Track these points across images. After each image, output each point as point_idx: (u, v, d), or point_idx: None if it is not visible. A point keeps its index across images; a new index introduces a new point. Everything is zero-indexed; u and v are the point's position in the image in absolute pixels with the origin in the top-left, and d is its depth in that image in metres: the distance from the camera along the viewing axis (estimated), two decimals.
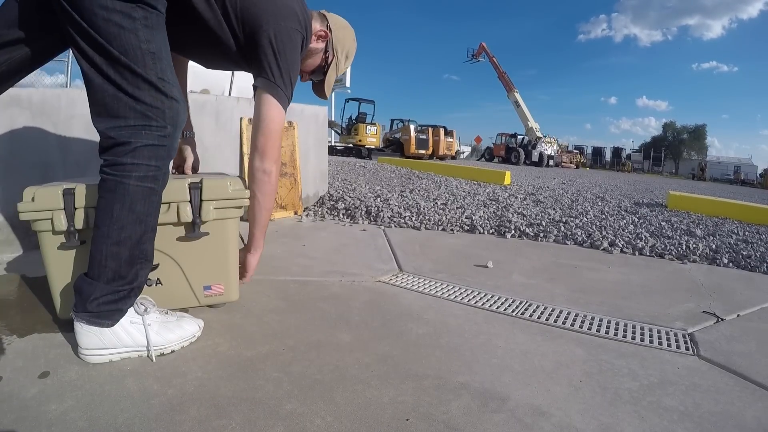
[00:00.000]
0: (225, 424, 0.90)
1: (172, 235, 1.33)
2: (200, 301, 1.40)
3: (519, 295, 1.80)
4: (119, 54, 1.02)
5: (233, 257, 1.42)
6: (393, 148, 17.87)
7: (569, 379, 1.17)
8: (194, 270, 1.37)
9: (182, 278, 1.37)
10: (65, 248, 1.23)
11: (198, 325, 1.26)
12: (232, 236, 1.39)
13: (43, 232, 1.22)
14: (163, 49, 1.10)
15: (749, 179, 30.39)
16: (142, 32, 1.05)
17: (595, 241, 2.88)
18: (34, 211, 1.19)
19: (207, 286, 1.39)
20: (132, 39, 1.03)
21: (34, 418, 0.88)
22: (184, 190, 1.29)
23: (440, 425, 0.94)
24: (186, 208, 1.29)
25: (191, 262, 1.36)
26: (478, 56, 29.76)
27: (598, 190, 7.57)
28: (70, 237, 1.21)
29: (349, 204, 3.49)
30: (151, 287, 1.33)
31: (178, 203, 1.29)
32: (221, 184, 1.33)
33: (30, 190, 1.20)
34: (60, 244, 1.23)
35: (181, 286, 1.37)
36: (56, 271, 1.25)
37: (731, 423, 1.02)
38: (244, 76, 7.36)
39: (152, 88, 1.06)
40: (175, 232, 1.33)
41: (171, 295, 1.36)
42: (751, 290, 2.08)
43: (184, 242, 1.34)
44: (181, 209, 1.29)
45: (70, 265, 1.25)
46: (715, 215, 4.46)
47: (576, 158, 28.02)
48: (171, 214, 1.29)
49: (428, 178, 6.39)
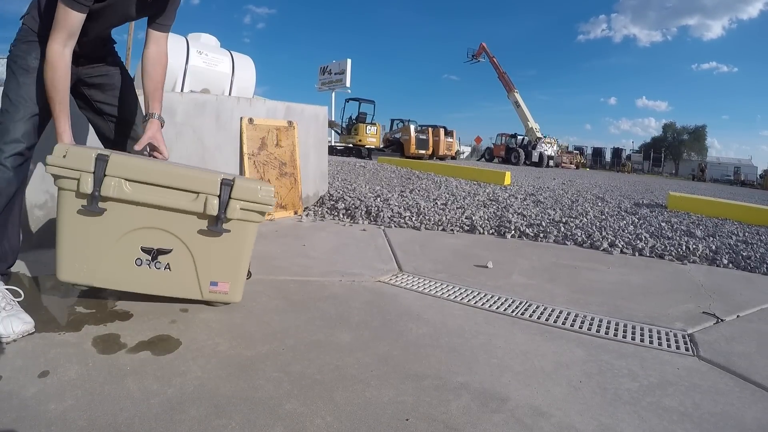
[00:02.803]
0: (225, 424, 0.90)
1: (193, 225, 1.35)
2: (203, 295, 1.40)
3: (519, 295, 1.80)
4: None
5: (245, 260, 1.43)
6: (393, 148, 17.86)
7: (569, 379, 1.17)
8: (205, 263, 1.38)
9: (192, 269, 1.37)
10: (84, 213, 1.25)
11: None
12: (249, 239, 1.41)
13: (66, 190, 1.23)
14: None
15: (749, 180, 30.38)
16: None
17: (595, 241, 2.88)
18: (62, 167, 1.22)
19: (214, 282, 1.40)
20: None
21: (34, 417, 0.88)
22: (215, 184, 1.32)
23: (440, 425, 0.94)
24: (214, 201, 1.32)
25: (205, 255, 1.37)
26: (478, 56, 29.74)
27: (598, 190, 7.57)
28: (92, 202, 1.24)
29: (349, 204, 3.49)
30: (159, 270, 1.34)
31: (207, 195, 1.31)
32: (252, 186, 1.36)
33: (63, 147, 1.23)
34: (80, 208, 1.24)
35: (189, 276, 1.38)
36: (68, 233, 1.26)
37: (731, 423, 1.02)
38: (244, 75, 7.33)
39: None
40: (197, 223, 1.34)
41: (176, 283, 1.37)
42: (751, 291, 2.08)
43: (203, 235, 1.36)
44: (209, 201, 1.31)
45: (84, 231, 1.26)
46: (715, 216, 4.45)
47: (576, 159, 28.01)
48: (198, 203, 1.31)
49: (428, 178, 6.39)
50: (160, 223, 1.33)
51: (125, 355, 1.14)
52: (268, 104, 3.14)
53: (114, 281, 1.35)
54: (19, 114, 1.37)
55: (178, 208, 1.31)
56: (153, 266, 1.34)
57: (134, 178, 1.28)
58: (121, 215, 1.30)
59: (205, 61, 7.70)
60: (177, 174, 1.32)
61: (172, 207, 1.31)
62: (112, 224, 1.30)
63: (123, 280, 1.34)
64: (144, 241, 1.33)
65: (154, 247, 1.34)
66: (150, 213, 1.31)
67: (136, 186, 1.29)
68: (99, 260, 1.31)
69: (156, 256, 1.34)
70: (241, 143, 2.83)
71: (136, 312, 1.38)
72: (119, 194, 1.26)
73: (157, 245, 1.34)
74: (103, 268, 1.31)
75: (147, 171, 1.29)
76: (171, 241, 1.34)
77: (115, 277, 1.33)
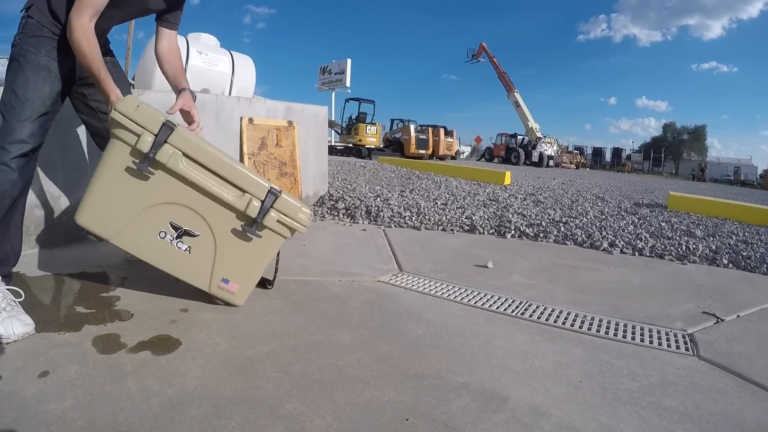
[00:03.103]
0: (225, 424, 0.90)
1: (228, 220, 1.37)
2: (210, 288, 1.41)
3: (519, 295, 1.79)
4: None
5: (262, 269, 1.46)
6: (393, 148, 17.85)
7: (569, 379, 1.17)
8: (225, 259, 1.40)
9: (210, 259, 1.39)
10: (130, 170, 1.27)
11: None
12: (272, 251, 1.45)
13: (120, 141, 1.25)
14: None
15: (749, 180, 30.36)
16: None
17: (595, 241, 2.88)
18: (129, 119, 1.23)
19: (226, 279, 1.41)
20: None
21: (34, 417, 0.88)
22: (263, 190, 1.35)
23: (440, 425, 0.94)
24: (256, 204, 1.35)
25: (228, 251, 1.39)
26: (478, 56, 29.74)
27: (598, 190, 7.57)
28: (144, 162, 1.26)
29: (349, 204, 3.49)
30: (179, 250, 1.36)
31: (253, 197, 1.35)
32: (295, 204, 1.41)
33: (135, 99, 1.25)
34: (128, 164, 1.26)
35: (204, 266, 1.39)
36: (104, 182, 1.28)
37: (731, 423, 1.02)
38: (244, 75, 7.31)
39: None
40: (232, 219, 1.37)
41: (190, 267, 1.38)
42: (751, 291, 2.08)
43: (234, 232, 1.38)
44: (252, 203, 1.34)
45: (121, 186, 1.28)
46: (715, 216, 4.46)
47: (576, 158, 27.99)
48: (241, 201, 1.34)
49: (428, 178, 6.39)
50: (198, 206, 1.35)
51: (125, 355, 1.14)
52: (268, 104, 3.14)
53: (130, 244, 1.35)
54: (26, 113, 1.34)
55: (221, 198, 1.34)
56: (175, 244, 1.36)
57: (192, 156, 1.30)
58: (164, 185, 1.32)
59: (204, 61, 7.69)
60: (232, 167, 1.34)
61: (216, 196, 1.34)
62: (152, 190, 1.32)
63: (139, 246, 1.35)
64: (176, 217, 1.35)
65: (183, 227, 1.36)
66: (192, 194, 1.33)
67: (191, 164, 1.31)
68: (124, 219, 1.32)
69: (182, 235, 1.36)
70: (241, 143, 2.83)
71: (136, 312, 1.38)
72: (172, 165, 1.28)
73: (186, 226, 1.36)
74: (126, 228, 1.32)
75: (206, 153, 1.32)
76: (201, 227, 1.36)
77: (134, 241, 1.34)
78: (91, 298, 1.49)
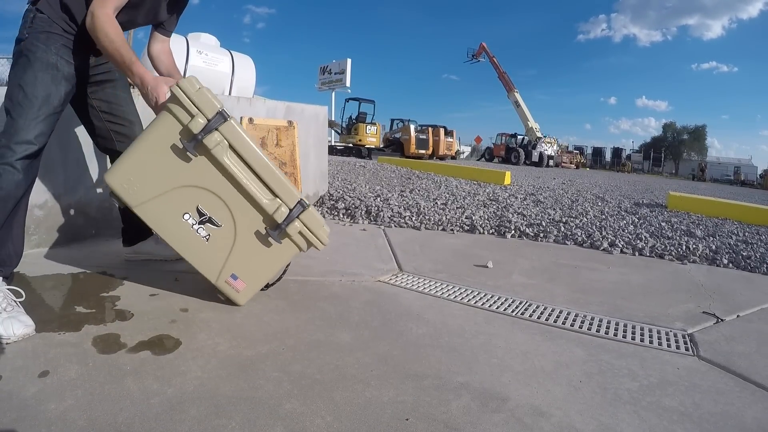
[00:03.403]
0: (225, 424, 0.90)
1: (253, 219, 1.39)
2: (218, 280, 1.41)
3: (519, 295, 1.79)
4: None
5: (271, 273, 1.49)
6: (393, 148, 17.85)
7: (569, 379, 1.17)
8: (239, 255, 1.41)
9: (226, 253, 1.40)
10: (174, 147, 1.29)
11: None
12: (286, 258, 1.49)
13: (172, 116, 1.27)
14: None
15: (749, 180, 30.36)
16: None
17: (595, 241, 2.88)
18: (188, 98, 1.26)
19: (235, 276, 1.41)
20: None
21: (34, 417, 0.88)
22: (294, 199, 1.40)
23: (440, 425, 0.94)
24: (284, 210, 1.38)
25: (244, 248, 1.41)
26: (478, 56, 29.74)
27: (598, 190, 7.57)
28: (190, 142, 1.28)
29: (349, 204, 3.49)
30: (198, 235, 1.37)
31: (283, 203, 1.37)
32: (319, 220, 1.46)
33: (197, 82, 1.28)
34: (173, 141, 1.28)
35: (218, 257, 1.40)
36: (144, 151, 1.31)
37: (731, 423, 1.02)
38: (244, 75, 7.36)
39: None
40: (257, 219, 1.39)
41: (203, 255, 1.39)
42: (751, 291, 2.08)
43: (255, 232, 1.40)
44: (281, 208, 1.38)
45: (160, 160, 1.30)
46: (715, 216, 4.45)
47: (576, 158, 27.99)
48: (271, 204, 1.37)
49: (428, 178, 6.39)
50: (228, 198, 1.37)
51: (125, 354, 1.14)
52: (268, 104, 3.14)
53: (151, 217, 1.36)
54: (33, 112, 1.31)
55: (253, 197, 1.36)
56: (195, 228, 1.37)
57: (237, 149, 1.33)
58: (201, 169, 1.34)
59: (204, 61, 7.69)
60: (271, 170, 1.38)
61: (249, 193, 1.36)
62: (189, 172, 1.34)
63: (159, 221, 1.36)
64: (204, 203, 1.37)
65: (208, 214, 1.37)
66: (226, 185, 1.36)
67: (233, 156, 1.34)
68: (154, 191, 1.33)
69: (205, 222, 1.38)
70: None
71: (136, 312, 1.38)
72: (217, 153, 1.31)
73: (212, 214, 1.38)
74: (152, 200, 1.34)
75: (250, 150, 1.35)
76: (226, 218, 1.38)
77: (156, 214, 1.36)
78: (91, 298, 1.49)
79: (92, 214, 2.13)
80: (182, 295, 1.54)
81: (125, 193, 1.33)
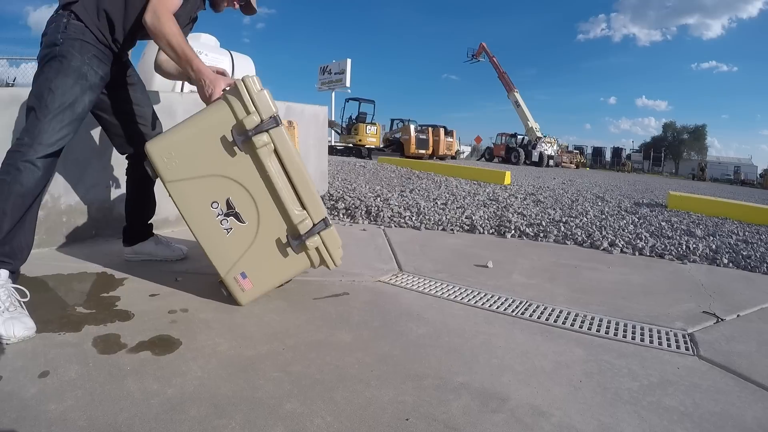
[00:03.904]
0: (225, 424, 0.90)
1: (278, 224, 1.42)
2: (227, 275, 1.41)
3: (519, 295, 1.79)
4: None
5: (278, 281, 1.51)
6: (393, 148, 17.84)
7: (569, 379, 1.17)
8: (255, 256, 1.42)
9: (242, 249, 1.41)
10: (223, 139, 1.32)
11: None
12: (296, 270, 1.51)
13: (229, 108, 1.31)
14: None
15: (749, 179, 30.34)
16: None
17: (595, 241, 2.88)
18: (250, 96, 1.31)
19: (244, 274, 1.42)
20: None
21: (34, 417, 0.88)
22: (320, 215, 1.45)
23: (440, 425, 0.94)
24: (308, 223, 1.43)
25: (261, 250, 1.43)
26: (478, 56, 29.74)
27: (598, 190, 7.57)
28: (239, 136, 1.32)
29: (349, 204, 3.49)
30: (221, 226, 1.39)
31: (309, 216, 1.43)
32: (337, 241, 1.51)
33: (259, 83, 1.33)
34: (224, 132, 1.32)
35: (233, 252, 1.41)
36: (193, 134, 1.35)
37: (731, 423, 1.02)
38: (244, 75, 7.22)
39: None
40: (281, 226, 1.42)
41: (219, 246, 1.40)
42: (751, 290, 2.08)
43: (275, 238, 1.43)
44: (306, 221, 1.43)
45: (206, 147, 1.33)
46: (715, 215, 4.45)
47: (576, 158, 27.98)
48: (298, 215, 1.41)
49: (428, 178, 6.39)
50: (260, 199, 1.39)
51: (125, 355, 1.14)
52: None
53: (180, 197, 1.37)
54: (59, 116, 1.36)
55: (285, 204, 1.39)
56: (220, 219, 1.39)
57: (280, 154, 1.38)
58: (243, 165, 1.36)
59: (204, 61, 7.69)
60: (307, 182, 1.43)
61: (282, 199, 1.39)
62: (230, 164, 1.36)
63: (186, 203, 1.37)
64: (235, 198, 1.39)
65: (236, 210, 1.39)
66: (261, 186, 1.38)
67: (276, 162, 1.37)
68: (190, 172, 1.35)
69: (230, 215, 1.39)
70: None
71: (136, 312, 1.38)
72: (262, 154, 1.35)
73: (240, 209, 1.39)
74: (186, 180, 1.36)
75: (292, 159, 1.39)
76: (252, 218, 1.40)
77: (185, 195, 1.37)
78: (91, 298, 1.49)
79: (92, 214, 2.13)
80: (183, 295, 1.54)
81: (162, 167, 1.34)
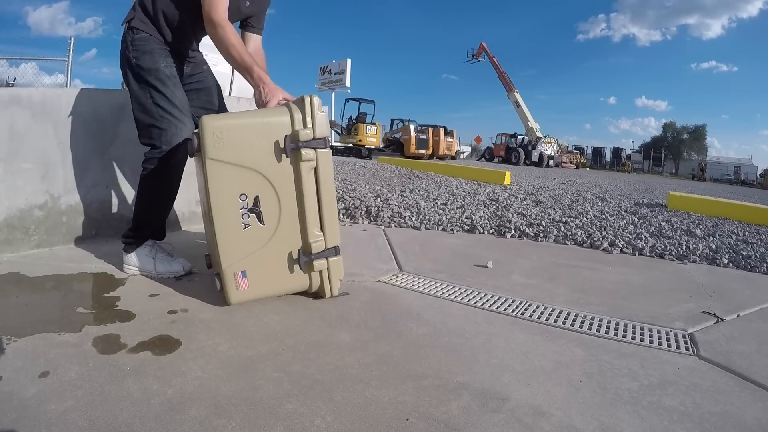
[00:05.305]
0: (225, 424, 0.90)
1: (293, 238, 1.46)
2: (227, 269, 1.41)
3: (519, 295, 1.79)
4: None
5: (275, 291, 1.53)
6: (393, 148, 17.83)
7: (569, 379, 1.17)
8: (260, 260, 1.43)
9: (253, 248, 1.42)
10: (276, 143, 1.38)
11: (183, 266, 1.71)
12: (292, 287, 1.53)
13: (288, 117, 1.38)
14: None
15: (749, 179, 30.35)
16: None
17: (595, 241, 2.88)
18: (311, 112, 1.39)
19: (245, 273, 1.42)
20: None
21: (34, 417, 0.88)
22: (335, 241, 1.50)
23: (440, 425, 0.94)
24: (320, 245, 1.47)
25: (268, 256, 1.44)
26: (478, 56, 29.75)
27: (598, 190, 7.57)
28: (291, 143, 1.37)
29: (349, 204, 3.49)
30: (240, 220, 1.41)
31: (323, 238, 1.47)
32: (341, 271, 1.55)
33: (319, 102, 1.41)
34: (277, 139, 1.38)
35: (243, 248, 1.41)
36: (250, 125, 1.39)
37: (731, 423, 1.02)
38: None
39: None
40: (296, 240, 1.47)
41: (231, 240, 1.40)
42: (751, 290, 2.08)
43: (287, 252, 1.46)
44: (318, 241, 1.47)
45: (251, 142, 1.38)
46: (715, 215, 4.45)
47: (576, 158, 27.99)
48: (315, 233, 1.46)
49: (428, 178, 6.39)
50: (286, 208, 1.43)
51: (125, 355, 1.14)
52: None
53: (215, 175, 1.38)
54: (176, 117, 1.56)
55: (307, 221, 1.44)
56: (242, 212, 1.40)
57: (320, 176, 1.43)
58: (283, 172, 1.41)
59: None
60: (333, 207, 1.49)
61: (306, 215, 1.43)
62: (272, 166, 1.40)
63: (217, 185, 1.38)
64: (264, 198, 1.41)
65: (261, 209, 1.41)
66: (292, 197, 1.43)
67: (312, 179, 1.43)
68: (234, 158, 1.37)
69: (253, 212, 1.41)
70: None
71: (136, 312, 1.38)
72: (303, 169, 1.40)
73: (264, 211, 1.42)
74: (227, 165, 1.38)
75: (327, 181, 1.46)
76: (272, 223, 1.43)
77: (220, 177, 1.39)
78: (91, 298, 1.49)
79: (92, 214, 2.13)
80: (183, 295, 1.54)
81: (210, 142, 1.35)
